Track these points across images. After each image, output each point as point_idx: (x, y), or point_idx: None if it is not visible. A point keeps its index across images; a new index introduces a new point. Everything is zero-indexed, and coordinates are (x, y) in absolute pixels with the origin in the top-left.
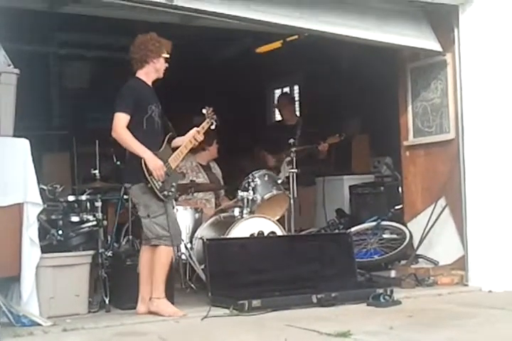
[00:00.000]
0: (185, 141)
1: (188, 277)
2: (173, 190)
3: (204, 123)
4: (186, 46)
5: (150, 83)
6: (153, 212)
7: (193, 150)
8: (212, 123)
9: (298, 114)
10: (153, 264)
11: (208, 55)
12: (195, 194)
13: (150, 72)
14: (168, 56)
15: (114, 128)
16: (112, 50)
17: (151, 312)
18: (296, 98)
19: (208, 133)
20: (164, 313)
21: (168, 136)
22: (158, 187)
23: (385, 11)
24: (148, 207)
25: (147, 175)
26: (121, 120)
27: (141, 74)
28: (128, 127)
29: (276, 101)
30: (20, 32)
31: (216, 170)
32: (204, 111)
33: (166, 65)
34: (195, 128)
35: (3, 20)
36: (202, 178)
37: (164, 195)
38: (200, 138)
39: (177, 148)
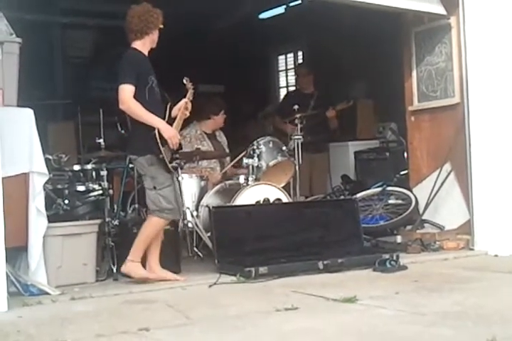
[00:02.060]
0: (178, 113)
1: (194, 245)
2: (178, 161)
3: (188, 94)
4: (187, 14)
5: (146, 53)
6: (160, 183)
7: (199, 119)
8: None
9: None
10: (141, 229)
11: (210, 22)
12: (199, 162)
13: (146, 43)
14: (162, 26)
15: (122, 101)
16: (114, 18)
17: (158, 280)
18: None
19: (214, 102)
20: (134, 275)
21: (168, 105)
22: (168, 159)
23: None
24: (154, 178)
25: (161, 147)
26: (127, 91)
27: (137, 44)
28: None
29: (295, 70)
30: (23, 0)
31: (222, 138)
32: (184, 81)
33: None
34: (183, 99)
35: None
36: (206, 146)
37: (173, 166)
38: (189, 107)
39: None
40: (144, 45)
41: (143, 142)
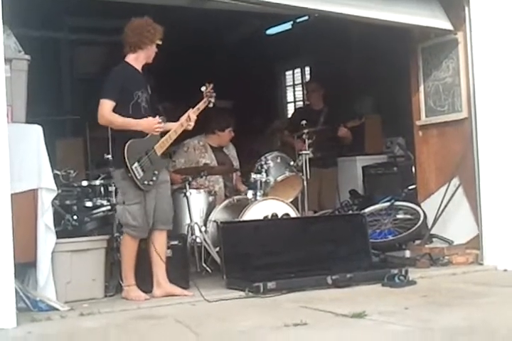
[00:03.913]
0: (176, 125)
1: (203, 260)
2: (154, 178)
3: (201, 104)
4: (195, 29)
5: (139, 68)
6: (129, 199)
7: (206, 132)
8: (209, 102)
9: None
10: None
11: (218, 38)
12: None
13: (140, 58)
14: (160, 43)
15: (102, 116)
16: (122, 34)
17: (166, 295)
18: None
19: (222, 117)
20: (130, 298)
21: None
22: (138, 177)
23: None
24: (124, 193)
25: (128, 165)
26: (106, 107)
27: (130, 58)
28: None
29: (304, 86)
30: (31, 18)
31: (230, 151)
32: (203, 88)
33: (156, 50)
34: (190, 110)
35: (14, 7)
36: (207, 158)
37: (144, 184)
38: (194, 119)
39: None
40: (136, 60)
41: (119, 155)
